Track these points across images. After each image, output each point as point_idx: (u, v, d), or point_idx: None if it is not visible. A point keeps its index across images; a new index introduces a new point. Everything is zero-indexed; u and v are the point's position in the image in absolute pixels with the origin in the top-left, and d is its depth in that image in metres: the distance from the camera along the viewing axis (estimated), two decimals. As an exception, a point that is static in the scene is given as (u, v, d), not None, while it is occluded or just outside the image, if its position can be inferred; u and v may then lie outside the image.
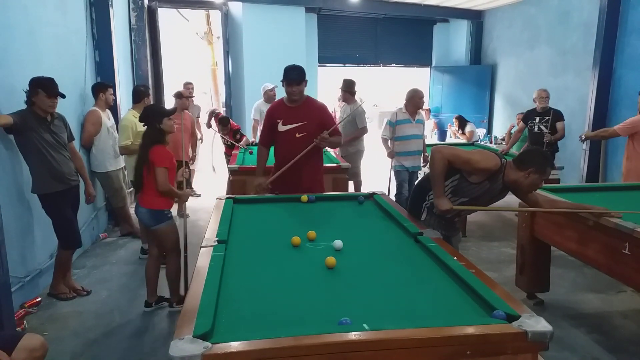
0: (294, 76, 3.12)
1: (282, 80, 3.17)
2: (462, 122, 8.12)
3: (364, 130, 5.29)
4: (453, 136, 8.43)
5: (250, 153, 5.26)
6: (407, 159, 4.78)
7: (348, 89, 5.38)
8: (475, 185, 2.41)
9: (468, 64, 9.25)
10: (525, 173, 2.35)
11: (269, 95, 5.83)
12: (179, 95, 5.31)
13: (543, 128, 5.17)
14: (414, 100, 4.69)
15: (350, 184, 4.97)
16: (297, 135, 3.18)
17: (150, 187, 2.97)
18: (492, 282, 1.69)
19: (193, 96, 5.74)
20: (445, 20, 9.66)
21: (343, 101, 5.48)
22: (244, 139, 5.75)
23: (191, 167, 5.88)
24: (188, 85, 6.33)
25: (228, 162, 4.94)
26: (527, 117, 5.40)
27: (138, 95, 4.41)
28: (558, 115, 5.14)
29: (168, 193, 2.96)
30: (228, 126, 5.81)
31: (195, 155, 5.83)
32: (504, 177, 2.40)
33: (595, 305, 3.33)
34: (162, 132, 2.99)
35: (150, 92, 5.20)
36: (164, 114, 3.03)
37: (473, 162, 2.37)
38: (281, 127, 3.22)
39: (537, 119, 5.23)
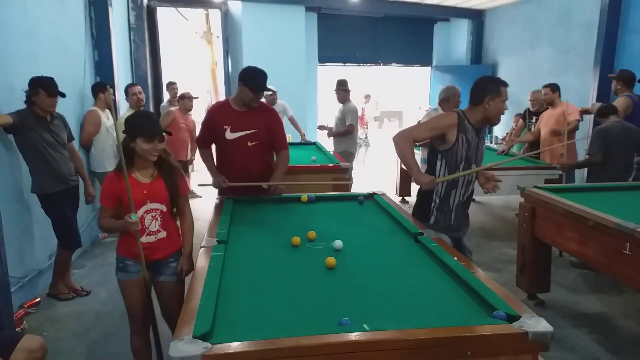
0: (263, 83, 2.80)
1: (243, 84, 2.76)
2: None
3: (350, 127, 5.26)
4: None
5: None
6: None
7: (342, 87, 5.37)
8: (455, 145, 2.40)
9: (469, 64, 9.24)
10: (485, 104, 2.38)
11: (268, 100, 5.84)
12: (182, 97, 5.31)
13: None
14: (455, 99, 4.18)
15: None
16: (249, 144, 2.86)
17: None
18: (493, 282, 1.69)
19: (195, 97, 5.71)
20: (445, 19, 9.65)
21: (340, 101, 5.47)
22: None
23: (189, 170, 5.88)
24: (173, 86, 6.29)
25: None
26: (525, 116, 5.48)
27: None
28: None
29: (108, 230, 2.31)
30: None
31: (194, 159, 5.82)
32: (471, 122, 2.42)
33: (596, 306, 3.32)
34: (130, 154, 2.07)
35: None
36: (143, 133, 2.01)
37: (432, 124, 2.43)
38: (229, 135, 2.85)
39: (534, 118, 5.29)
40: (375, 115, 16.84)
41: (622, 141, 3.83)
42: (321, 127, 5.92)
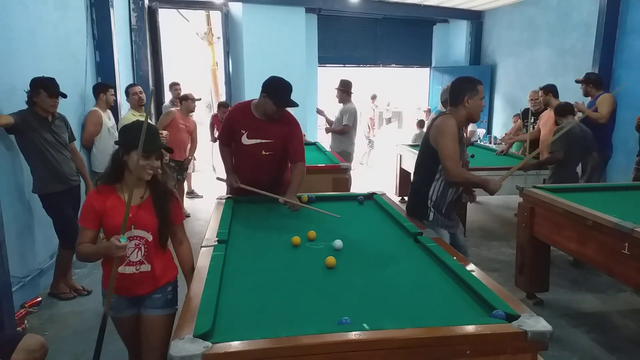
0: (289, 98, 2.70)
1: (267, 95, 2.68)
2: None
3: (345, 127, 5.27)
4: None
5: None
6: None
7: (345, 88, 5.38)
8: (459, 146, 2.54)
9: (468, 65, 9.26)
10: (464, 103, 2.49)
11: None
12: (184, 98, 5.31)
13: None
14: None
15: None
16: (264, 152, 2.81)
17: None
18: (492, 281, 1.70)
19: (198, 99, 5.69)
20: (445, 20, 9.67)
21: (339, 101, 5.48)
22: None
23: (188, 171, 5.88)
24: (176, 87, 6.24)
25: None
26: (524, 116, 5.49)
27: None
28: None
29: (87, 258, 1.90)
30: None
31: (191, 159, 5.82)
32: (459, 124, 2.52)
33: (595, 305, 3.33)
34: (120, 168, 1.86)
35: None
36: (140, 146, 1.69)
37: (452, 136, 2.46)
38: (245, 140, 2.81)
39: (533, 118, 5.31)
40: (388, 116, 16.86)
41: (578, 142, 3.92)
42: (320, 112, 5.89)
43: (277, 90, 2.69)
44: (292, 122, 2.87)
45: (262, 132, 2.79)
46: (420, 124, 7.79)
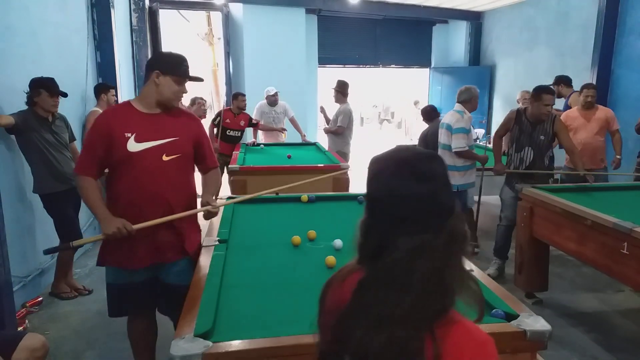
0: (189, 71, 2.06)
1: (164, 72, 1.96)
2: None
3: (339, 128, 5.29)
4: None
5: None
6: (472, 174, 4.03)
7: (341, 89, 5.38)
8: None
9: (467, 65, 9.27)
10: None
11: (271, 100, 5.85)
12: (193, 102, 5.30)
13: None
14: (474, 102, 4.03)
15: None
16: (165, 158, 1.97)
17: None
18: (491, 281, 1.71)
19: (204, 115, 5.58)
20: (444, 21, 9.67)
21: (335, 102, 5.49)
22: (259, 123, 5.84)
23: None
24: (200, 101, 5.59)
25: (225, 162, 4.90)
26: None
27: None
28: None
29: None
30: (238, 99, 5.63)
31: None
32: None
33: (594, 305, 3.34)
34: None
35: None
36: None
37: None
38: (133, 146, 1.92)
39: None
40: (386, 117, 16.86)
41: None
42: (321, 110, 5.90)
43: (172, 60, 2.02)
44: (192, 115, 2.21)
45: (157, 129, 1.98)
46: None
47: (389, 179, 0.81)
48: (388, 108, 18.01)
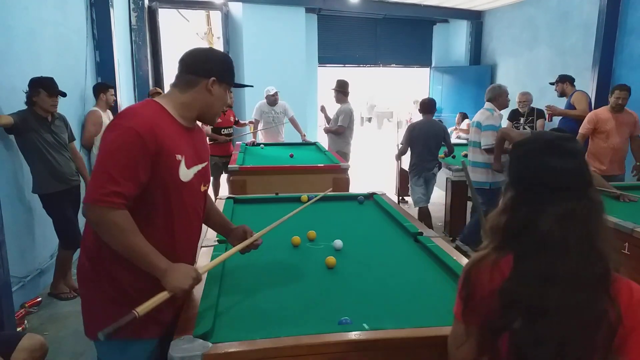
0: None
1: (218, 79, 1.50)
2: (464, 118, 8.23)
3: (339, 128, 5.29)
4: (455, 133, 8.49)
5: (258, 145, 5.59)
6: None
7: (341, 89, 5.37)
8: None
9: (468, 64, 9.26)
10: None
11: (270, 100, 5.85)
12: None
13: (528, 128, 5.37)
14: (502, 100, 3.99)
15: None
16: (202, 188, 1.60)
17: None
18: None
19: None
20: (445, 20, 9.66)
21: (336, 102, 5.48)
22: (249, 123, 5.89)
23: None
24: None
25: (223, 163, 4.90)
26: (513, 117, 5.55)
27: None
28: (540, 114, 5.41)
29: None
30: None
31: None
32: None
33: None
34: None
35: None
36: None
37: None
38: (184, 173, 1.46)
39: (522, 119, 5.38)
40: (386, 116, 16.86)
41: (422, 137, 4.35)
42: (322, 109, 5.90)
43: (230, 66, 1.58)
44: (203, 131, 1.72)
45: (196, 151, 1.56)
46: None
47: (541, 155, 0.97)
48: (388, 108, 18.01)
